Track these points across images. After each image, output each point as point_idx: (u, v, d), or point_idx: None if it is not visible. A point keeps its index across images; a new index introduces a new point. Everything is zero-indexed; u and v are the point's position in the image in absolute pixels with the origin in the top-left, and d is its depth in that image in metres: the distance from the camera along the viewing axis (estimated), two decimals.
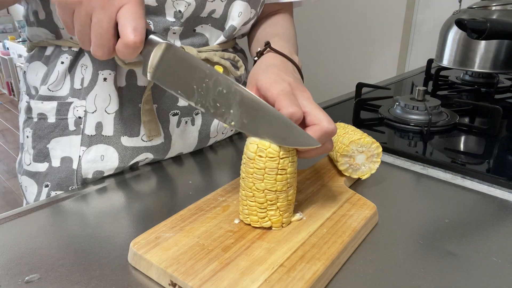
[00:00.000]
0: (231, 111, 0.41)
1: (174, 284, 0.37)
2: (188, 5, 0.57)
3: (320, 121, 0.41)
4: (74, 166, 0.58)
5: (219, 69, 0.42)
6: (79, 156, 0.58)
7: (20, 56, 4.04)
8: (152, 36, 0.42)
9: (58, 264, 0.41)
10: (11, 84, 4.45)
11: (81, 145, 0.58)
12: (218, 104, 0.41)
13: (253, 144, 0.42)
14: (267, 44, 0.53)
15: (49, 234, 0.46)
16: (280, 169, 0.42)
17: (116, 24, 0.40)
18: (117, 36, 0.41)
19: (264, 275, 0.37)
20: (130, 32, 0.39)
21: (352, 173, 0.55)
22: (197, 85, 0.41)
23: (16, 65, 4.16)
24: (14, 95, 4.48)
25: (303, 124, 0.42)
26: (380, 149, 0.54)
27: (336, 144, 0.55)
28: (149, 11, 0.55)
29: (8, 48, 4.31)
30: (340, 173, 0.56)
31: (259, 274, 0.37)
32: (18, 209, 0.51)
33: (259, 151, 0.41)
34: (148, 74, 0.42)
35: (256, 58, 0.53)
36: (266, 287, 0.35)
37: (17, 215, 0.50)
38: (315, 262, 0.39)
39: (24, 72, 0.63)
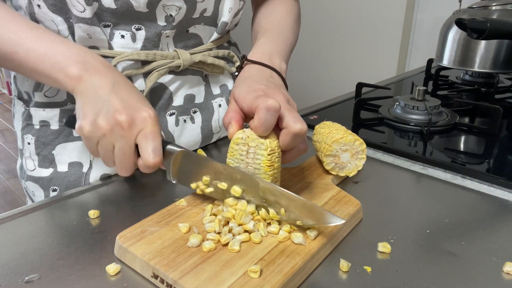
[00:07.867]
0: (251, 197, 0.44)
1: (156, 276, 0.38)
2: (179, 9, 0.57)
3: (287, 123, 0.43)
4: (84, 170, 0.60)
5: (201, 152, 0.48)
6: (90, 161, 0.59)
7: None
8: (168, 147, 0.47)
9: (58, 264, 0.41)
10: (11, 84, 4.46)
11: None
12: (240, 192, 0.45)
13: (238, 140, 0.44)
14: (244, 57, 0.56)
15: (49, 234, 0.47)
16: (269, 165, 0.43)
17: (136, 145, 0.45)
18: (137, 153, 0.46)
19: (244, 268, 0.37)
20: (150, 155, 0.44)
21: (339, 171, 0.56)
22: (216, 180, 0.46)
23: None
24: None
25: (277, 127, 0.44)
26: (364, 145, 0.55)
27: (321, 144, 0.56)
28: (140, 17, 0.55)
29: None
30: (328, 171, 0.56)
31: (239, 267, 0.38)
32: (18, 209, 0.51)
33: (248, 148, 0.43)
34: (173, 180, 0.48)
35: (236, 73, 0.55)
36: (244, 280, 0.36)
37: (17, 215, 0.50)
38: (295, 256, 0.39)
39: (14, 76, 0.63)
